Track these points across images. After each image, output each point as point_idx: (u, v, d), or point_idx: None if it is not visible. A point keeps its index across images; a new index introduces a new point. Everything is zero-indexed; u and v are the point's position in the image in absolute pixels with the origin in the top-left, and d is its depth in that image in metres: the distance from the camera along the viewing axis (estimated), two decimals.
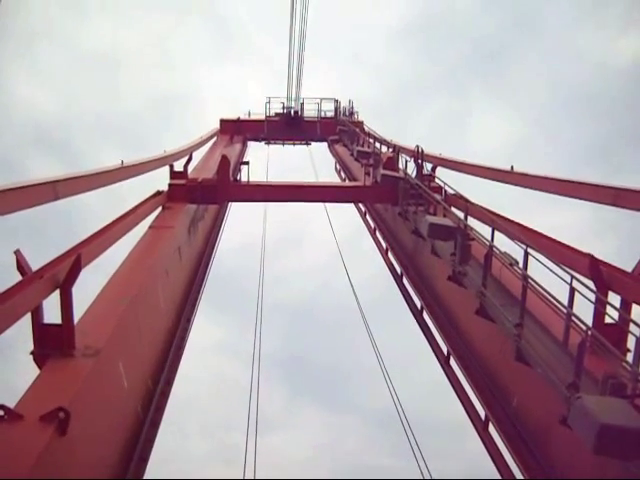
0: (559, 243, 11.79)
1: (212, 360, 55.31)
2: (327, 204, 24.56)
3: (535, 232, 12.53)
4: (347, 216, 25.88)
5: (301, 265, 66.85)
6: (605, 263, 10.17)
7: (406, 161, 19.99)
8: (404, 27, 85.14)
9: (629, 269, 9.91)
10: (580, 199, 12.68)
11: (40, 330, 8.77)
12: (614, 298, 9.61)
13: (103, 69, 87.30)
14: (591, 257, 10.11)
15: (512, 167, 15.86)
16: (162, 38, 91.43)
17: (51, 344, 8.78)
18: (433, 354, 15.24)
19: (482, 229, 12.76)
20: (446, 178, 18.03)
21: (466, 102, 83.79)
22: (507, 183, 16.00)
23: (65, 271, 9.07)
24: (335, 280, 20.94)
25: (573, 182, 12.95)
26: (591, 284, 9.55)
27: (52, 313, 8.94)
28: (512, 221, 13.30)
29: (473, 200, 15.08)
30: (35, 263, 8.88)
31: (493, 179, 16.85)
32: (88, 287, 10.96)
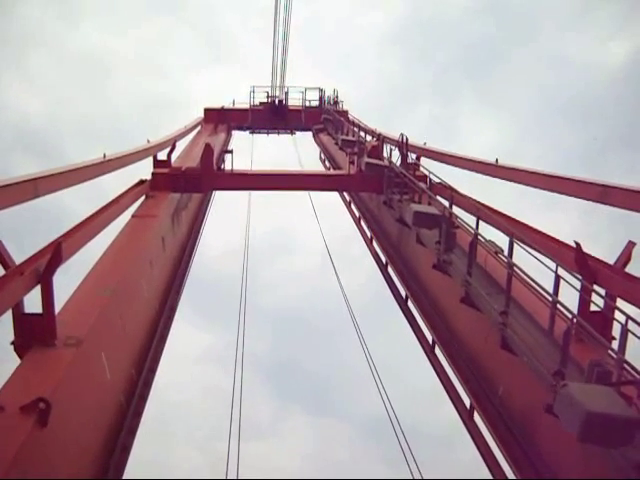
0: (544, 234, 11.76)
1: (199, 368, 54.73)
2: (313, 195, 24.54)
3: (520, 223, 12.48)
4: (342, 215, 25.69)
5: (293, 266, 66.37)
6: (589, 255, 10.16)
7: (391, 150, 19.94)
8: (394, 32, 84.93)
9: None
10: (566, 195, 12.51)
11: (21, 320, 8.66)
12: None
13: (94, 73, 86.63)
14: (577, 245, 10.09)
15: (497, 160, 15.77)
16: (152, 43, 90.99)
17: (32, 334, 8.67)
18: (418, 343, 15.20)
19: (467, 219, 12.72)
20: (432, 169, 18.01)
21: (456, 106, 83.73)
22: (491, 176, 15.85)
23: (46, 261, 8.96)
24: (329, 280, 20.61)
25: (560, 177, 12.75)
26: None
27: (34, 302, 8.84)
28: (497, 211, 13.26)
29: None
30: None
31: (477, 171, 16.71)
32: (72, 278, 10.87)
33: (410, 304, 16.51)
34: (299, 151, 33.23)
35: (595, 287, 9.35)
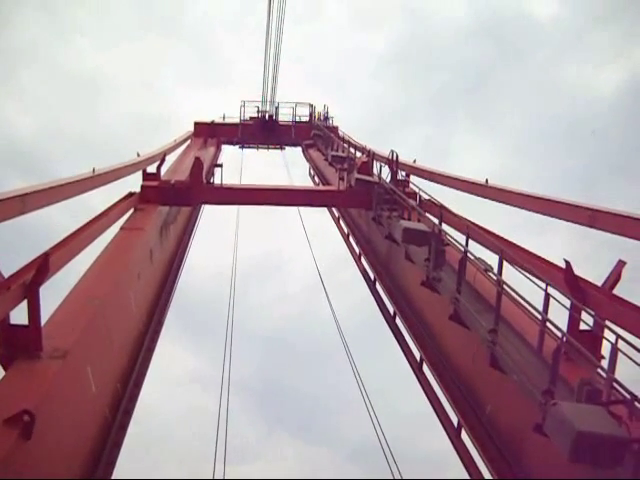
0: (533, 254, 11.77)
1: (183, 390, 53.94)
2: (305, 212, 24.54)
3: (510, 242, 12.47)
4: (333, 231, 25.59)
5: (283, 284, 65.87)
6: (578, 277, 10.17)
7: (380, 166, 19.95)
8: (390, 54, 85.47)
9: None
10: (555, 217, 12.49)
11: (6, 331, 8.57)
12: None
13: (86, 91, 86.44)
14: (567, 264, 10.10)
15: (487, 180, 15.76)
16: (145, 61, 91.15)
17: (17, 345, 8.57)
18: (406, 360, 15.15)
19: (457, 237, 12.68)
20: (421, 187, 18.01)
21: (450, 128, 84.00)
22: (481, 196, 15.84)
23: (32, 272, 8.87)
24: (320, 299, 20.33)
25: (549, 200, 12.77)
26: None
27: (20, 313, 8.75)
28: (487, 230, 13.24)
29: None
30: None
31: (466, 191, 16.68)
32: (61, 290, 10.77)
33: (398, 321, 16.47)
34: (289, 166, 33.29)
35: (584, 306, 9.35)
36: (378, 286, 18.90)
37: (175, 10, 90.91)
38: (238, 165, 31.62)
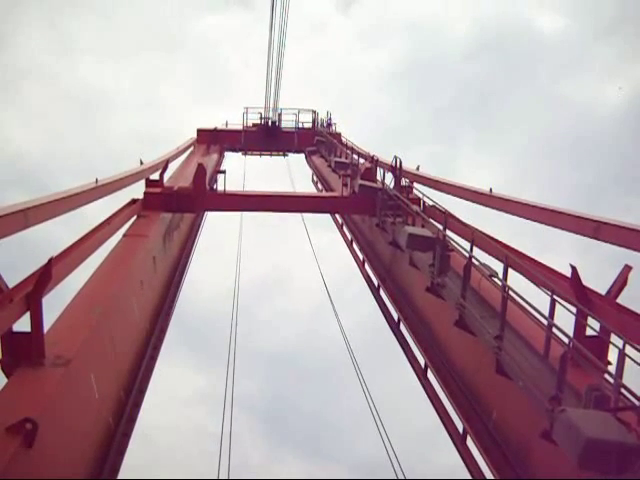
0: (538, 262, 11.70)
1: (185, 409, 53.29)
2: (306, 219, 24.50)
3: (515, 250, 12.38)
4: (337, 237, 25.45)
5: (287, 294, 65.44)
6: (584, 285, 10.11)
7: (384, 172, 19.91)
8: (394, 72, 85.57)
9: None
10: (559, 228, 12.40)
11: (9, 338, 8.50)
12: None
13: (89, 108, 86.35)
14: (573, 269, 10.03)
15: (491, 189, 15.68)
16: (149, 78, 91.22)
17: (20, 353, 8.52)
18: (410, 367, 15.06)
19: (462, 244, 12.59)
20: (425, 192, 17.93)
21: (455, 147, 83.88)
22: (485, 206, 15.75)
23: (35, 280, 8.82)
24: (326, 308, 20.13)
25: (554, 210, 12.69)
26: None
27: (23, 320, 8.69)
28: (492, 237, 13.16)
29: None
30: None
31: (470, 200, 16.62)
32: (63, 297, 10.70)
33: (402, 327, 16.38)
34: (291, 173, 33.23)
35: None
36: (382, 292, 18.82)
37: (178, 26, 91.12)
38: (241, 172, 31.62)
